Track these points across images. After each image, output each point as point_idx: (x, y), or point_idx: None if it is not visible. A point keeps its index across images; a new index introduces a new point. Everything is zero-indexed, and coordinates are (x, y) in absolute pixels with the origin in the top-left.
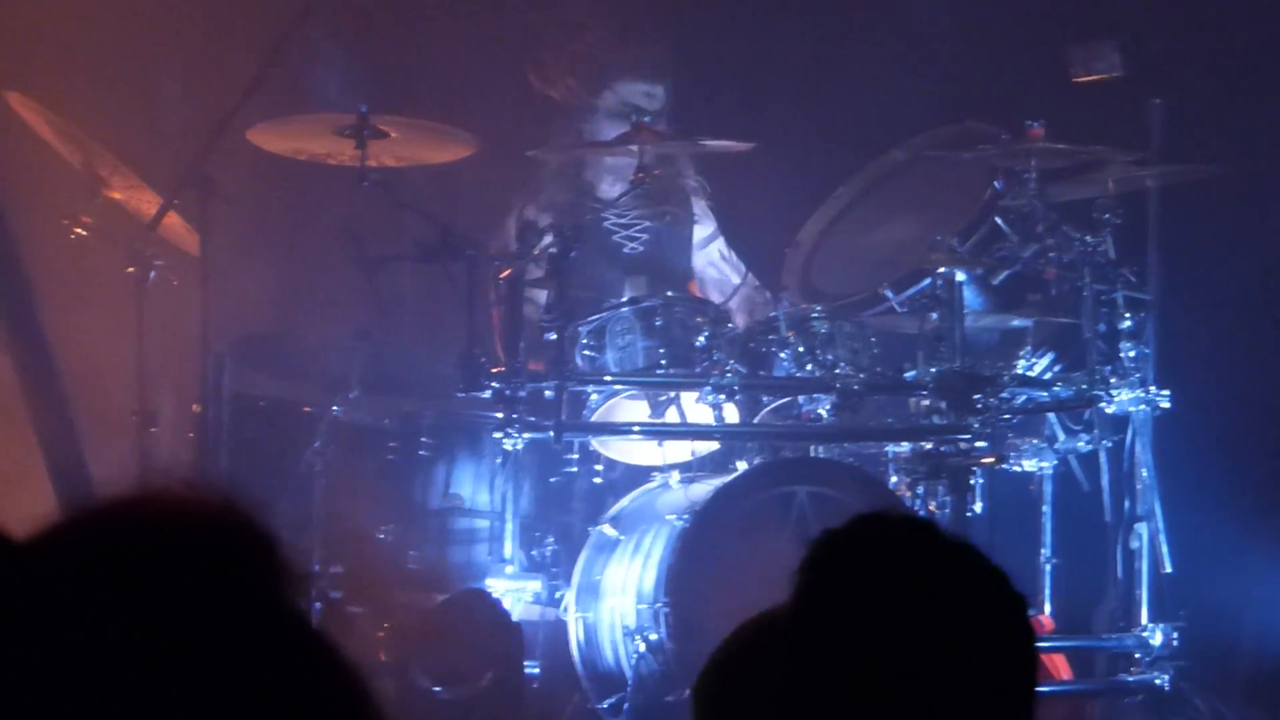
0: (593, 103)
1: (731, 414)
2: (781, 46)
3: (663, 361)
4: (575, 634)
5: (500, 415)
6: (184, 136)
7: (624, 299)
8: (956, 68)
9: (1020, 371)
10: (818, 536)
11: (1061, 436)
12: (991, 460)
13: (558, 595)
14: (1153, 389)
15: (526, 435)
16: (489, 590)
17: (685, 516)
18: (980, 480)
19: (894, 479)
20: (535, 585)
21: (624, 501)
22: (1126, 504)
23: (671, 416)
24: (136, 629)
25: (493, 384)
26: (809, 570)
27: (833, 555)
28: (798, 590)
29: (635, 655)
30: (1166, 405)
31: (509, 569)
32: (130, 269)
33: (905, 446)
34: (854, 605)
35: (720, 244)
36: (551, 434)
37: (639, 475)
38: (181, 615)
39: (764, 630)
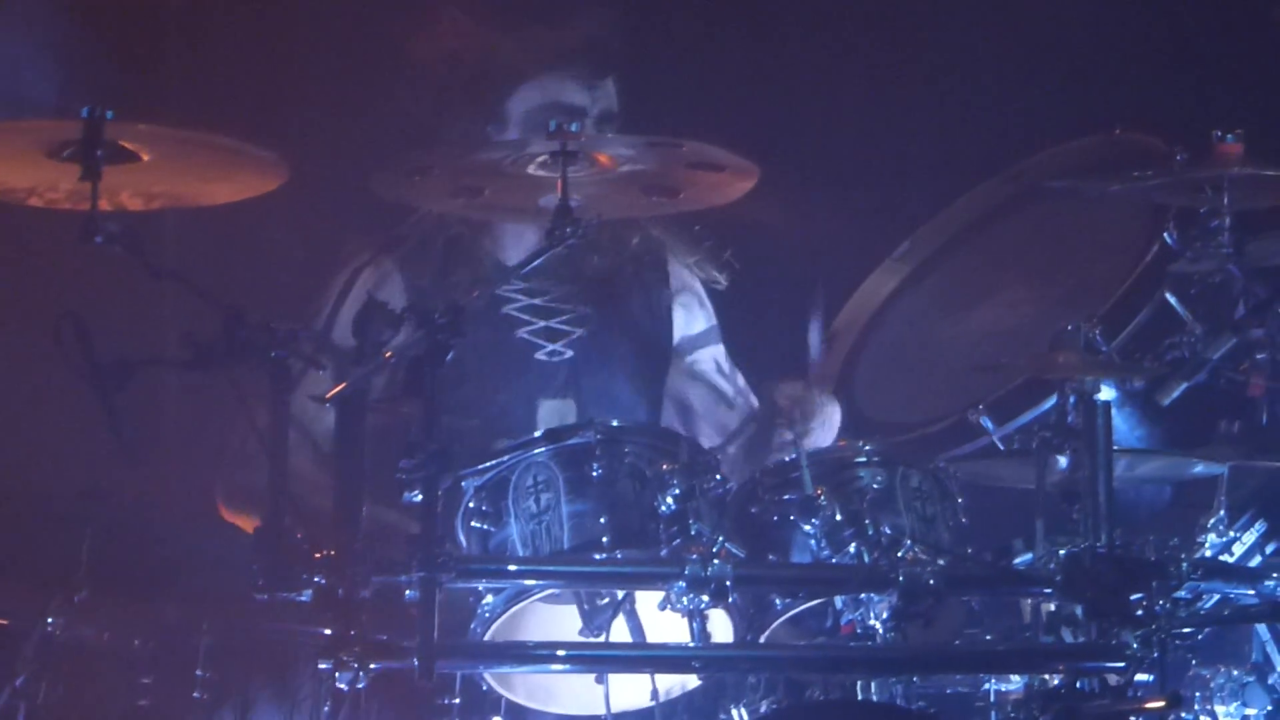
0: (497, 112)
1: (722, 626)
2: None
3: (604, 538)
4: None
5: (328, 631)
6: None
7: (538, 433)
8: (1098, 54)
9: (1208, 553)
10: None
11: None
12: (1161, 706)
13: None
14: None
15: (373, 664)
16: None
17: None
18: None
19: None
20: None
21: None
22: None
23: (619, 631)
24: None
25: (316, 577)
26: None
27: None
28: None
29: None
30: None
31: None
32: None
33: (1015, 682)
34: None
35: (720, 351)
36: (416, 663)
37: None
38: None
39: None
